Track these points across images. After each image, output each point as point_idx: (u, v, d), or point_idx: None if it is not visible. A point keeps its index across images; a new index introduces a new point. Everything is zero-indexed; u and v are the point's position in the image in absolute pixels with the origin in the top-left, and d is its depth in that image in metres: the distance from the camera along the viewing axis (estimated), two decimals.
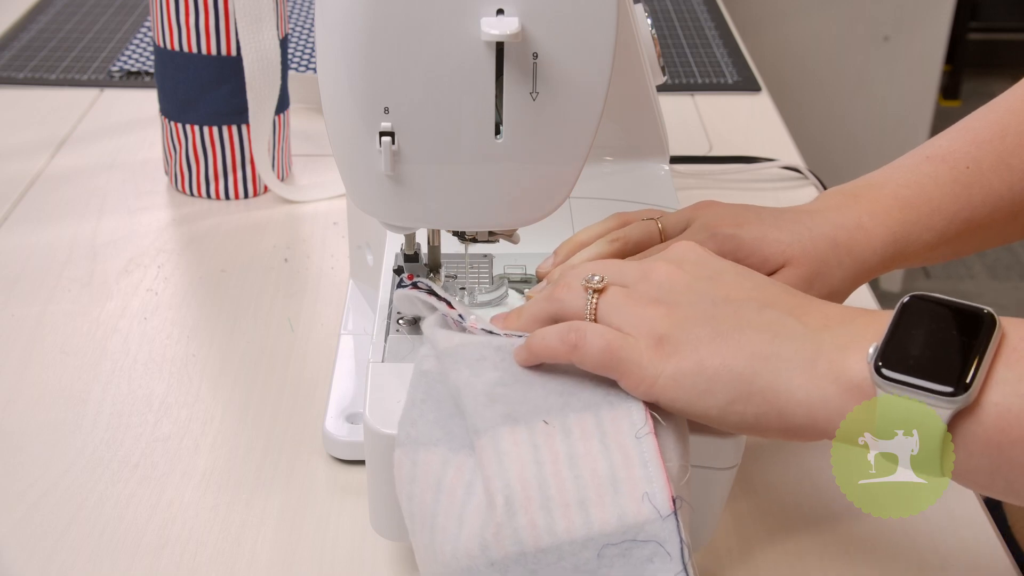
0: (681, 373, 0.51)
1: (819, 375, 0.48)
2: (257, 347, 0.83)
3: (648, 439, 0.51)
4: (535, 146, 0.59)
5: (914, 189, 0.66)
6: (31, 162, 1.09)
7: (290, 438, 0.74)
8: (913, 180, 0.67)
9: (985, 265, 2.79)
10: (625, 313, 0.53)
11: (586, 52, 0.56)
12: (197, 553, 0.65)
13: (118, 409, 0.76)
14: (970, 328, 0.47)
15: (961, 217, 0.66)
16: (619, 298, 0.54)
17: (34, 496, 0.68)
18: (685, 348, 0.51)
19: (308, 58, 1.30)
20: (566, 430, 0.52)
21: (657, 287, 0.54)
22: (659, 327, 0.52)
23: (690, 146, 1.13)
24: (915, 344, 0.47)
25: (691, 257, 0.56)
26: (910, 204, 0.66)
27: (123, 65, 1.29)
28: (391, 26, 0.55)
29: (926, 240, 0.66)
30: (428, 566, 0.52)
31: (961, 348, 0.46)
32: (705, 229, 0.65)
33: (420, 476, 0.53)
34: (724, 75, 1.31)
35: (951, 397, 0.45)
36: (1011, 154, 0.66)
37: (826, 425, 0.48)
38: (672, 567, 0.48)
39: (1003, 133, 0.67)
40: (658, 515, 0.49)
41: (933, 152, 0.68)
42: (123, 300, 0.88)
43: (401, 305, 0.66)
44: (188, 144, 1.01)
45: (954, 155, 0.67)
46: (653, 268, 0.55)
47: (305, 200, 1.03)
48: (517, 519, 0.49)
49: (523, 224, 0.64)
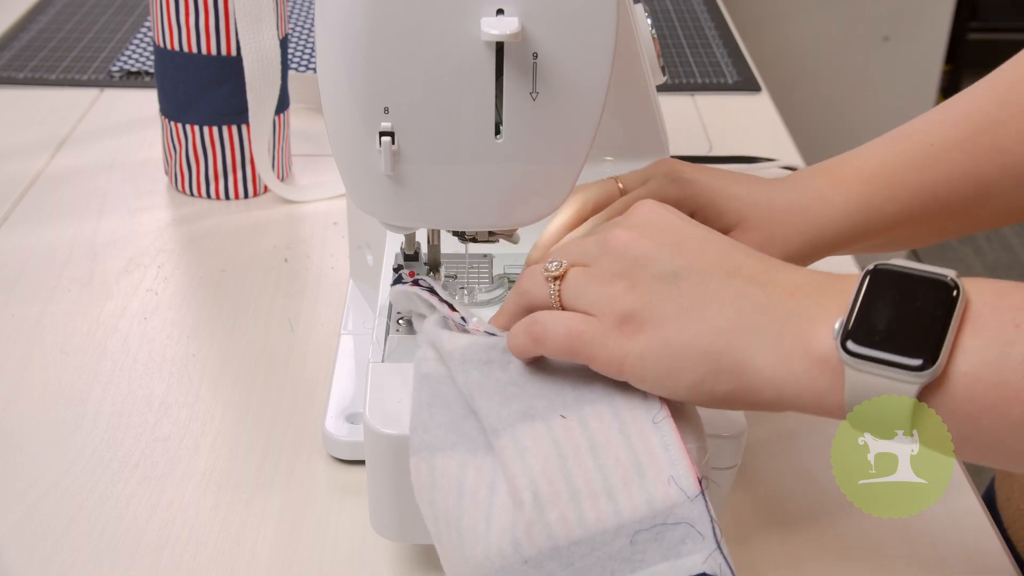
0: (647, 351, 0.50)
1: (786, 350, 0.48)
2: (257, 347, 0.83)
3: (666, 423, 0.51)
4: (535, 146, 0.59)
5: (876, 164, 0.66)
6: (31, 162, 1.09)
7: (290, 438, 0.74)
8: (875, 156, 0.67)
9: (985, 265, 2.79)
10: (588, 295, 0.52)
11: (586, 52, 0.56)
12: (197, 553, 0.65)
13: (118, 409, 0.76)
14: (935, 297, 0.46)
15: (926, 191, 0.65)
16: (580, 280, 0.53)
17: (34, 496, 0.68)
18: (649, 325, 0.50)
19: (308, 58, 1.30)
20: (583, 422, 0.52)
21: (619, 259, 0.52)
22: (622, 304, 0.51)
23: (690, 146, 1.13)
24: (881, 317, 0.46)
25: (653, 219, 0.54)
26: (873, 177, 0.65)
27: (123, 65, 1.29)
28: (391, 26, 0.55)
29: (888, 213, 0.65)
30: (458, 568, 0.52)
31: (927, 320, 0.45)
32: (666, 176, 0.65)
33: (440, 481, 0.53)
34: (724, 75, 1.31)
35: (919, 371, 0.44)
36: (978, 132, 0.66)
37: (794, 400, 0.48)
38: (705, 547, 0.48)
39: (970, 112, 0.66)
40: (686, 497, 0.49)
41: (897, 132, 0.68)
42: (123, 300, 0.88)
43: (397, 301, 0.66)
44: (188, 144, 1.01)
45: (919, 133, 0.67)
46: (613, 236, 0.53)
47: (305, 200, 1.03)
48: (547, 514, 0.49)
49: (523, 224, 0.64)
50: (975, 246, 2.86)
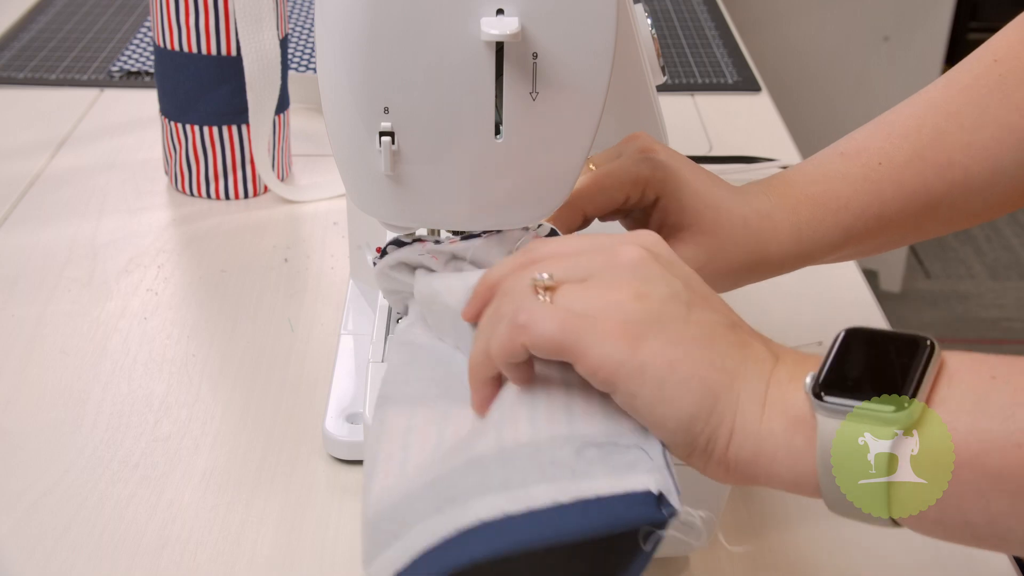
0: (649, 365, 0.45)
1: (770, 406, 0.46)
2: (257, 347, 0.83)
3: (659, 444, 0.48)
4: (535, 146, 0.59)
5: (822, 186, 0.66)
6: (31, 162, 1.09)
7: (290, 438, 0.74)
8: (822, 176, 0.66)
9: (985, 265, 2.79)
10: (588, 299, 0.47)
11: (586, 52, 0.56)
12: (197, 553, 0.65)
13: (118, 409, 0.76)
14: (910, 351, 0.45)
15: (870, 213, 0.65)
16: (576, 289, 0.48)
17: (34, 496, 0.68)
18: (657, 340, 0.45)
19: (308, 58, 1.30)
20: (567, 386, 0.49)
21: (629, 272, 0.48)
22: (630, 310, 0.46)
23: (690, 146, 1.13)
24: (854, 369, 0.45)
25: (660, 250, 0.50)
26: (818, 201, 0.65)
27: (123, 65, 1.29)
28: (391, 26, 0.55)
29: (832, 239, 0.65)
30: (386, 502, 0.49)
31: (902, 370, 0.44)
32: (640, 152, 0.64)
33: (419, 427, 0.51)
34: (724, 75, 1.31)
35: (893, 415, 0.43)
36: (925, 147, 0.65)
37: (769, 462, 0.46)
38: (656, 477, 0.45)
39: (919, 126, 0.66)
40: (645, 434, 0.47)
41: (847, 148, 0.67)
42: (123, 300, 0.88)
43: (382, 283, 0.63)
44: (188, 144, 1.01)
45: (867, 151, 0.66)
46: (623, 251, 0.49)
47: (305, 200, 1.03)
48: (504, 425, 0.48)
49: (523, 224, 0.64)
50: (975, 246, 2.86)
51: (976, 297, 2.68)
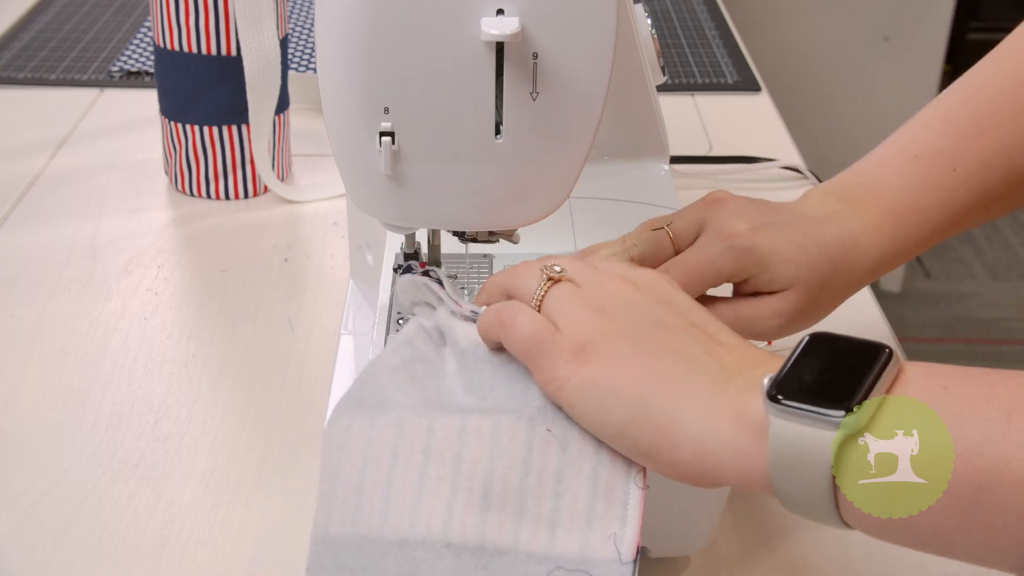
0: (589, 383, 0.50)
1: (715, 408, 0.48)
2: (257, 347, 0.83)
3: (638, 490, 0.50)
4: (535, 146, 0.59)
5: (906, 199, 0.66)
6: (31, 162, 1.09)
7: (290, 438, 0.74)
8: (904, 187, 0.66)
9: (985, 265, 2.79)
10: (566, 310, 0.52)
11: (586, 52, 0.56)
12: (197, 553, 0.65)
13: (118, 409, 0.76)
14: (867, 357, 0.46)
15: (945, 223, 0.66)
16: (567, 293, 0.53)
17: (34, 496, 0.68)
18: (601, 360, 0.50)
19: (308, 58, 1.30)
20: (564, 442, 0.51)
21: (607, 296, 0.53)
22: (585, 333, 0.51)
23: (690, 146, 1.13)
24: (810, 373, 0.46)
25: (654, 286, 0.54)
26: (903, 218, 0.65)
27: (123, 65, 1.29)
28: (391, 26, 0.55)
29: (908, 249, 0.66)
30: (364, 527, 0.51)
31: (857, 375, 0.45)
32: (720, 239, 0.63)
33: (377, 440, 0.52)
34: (724, 75, 1.31)
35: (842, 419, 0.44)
36: (992, 153, 0.66)
37: (713, 463, 0.47)
38: None
39: (980, 130, 0.66)
40: (618, 558, 0.49)
41: (920, 151, 0.67)
42: (123, 300, 0.88)
43: (406, 290, 0.64)
44: (188, 144, 1.01)
45: (941, 156, 0.66)
46: (610, 280, 0.54)
47: (305, 200, 1.03)
48: (489, 515, 0.49)
49: (523, 224, 0.64)
50: (975, 246, 2.86)
51: (976, 297, 2.68)
